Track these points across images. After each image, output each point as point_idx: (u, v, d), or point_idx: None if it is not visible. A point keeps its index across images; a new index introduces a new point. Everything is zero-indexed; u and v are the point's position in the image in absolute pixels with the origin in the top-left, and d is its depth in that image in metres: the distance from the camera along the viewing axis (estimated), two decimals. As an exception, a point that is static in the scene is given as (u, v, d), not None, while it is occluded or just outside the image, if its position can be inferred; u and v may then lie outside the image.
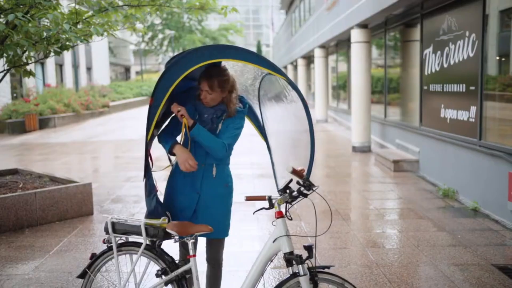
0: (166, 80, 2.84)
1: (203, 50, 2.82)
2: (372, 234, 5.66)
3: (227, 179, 3.19)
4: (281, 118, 3.27)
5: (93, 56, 38.51)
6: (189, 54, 2.84)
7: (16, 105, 19.86)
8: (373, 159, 10.66)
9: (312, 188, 2.66)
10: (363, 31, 11.51)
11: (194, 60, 2.82)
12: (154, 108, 2.86)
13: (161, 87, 2.85)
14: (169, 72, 2.84)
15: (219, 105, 3.13)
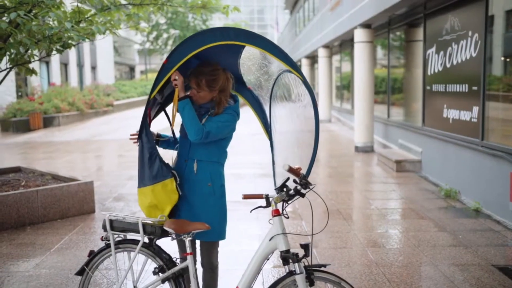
0: (186, 47, 2.80)
1: (229, 30, 2.78)
2: (373, 234, 5.66)
3: (211, 177, 3.07)
4: (288, 117, 3.22)
5: (98, 55, 38.63)
6: (217, 30, 2.79)
7: (21, 103, 19.95)
8: (375, 159, 10.64)
9: (308, 186, 2.66)
10: (366, 31, 11.50)
11: (218, 36, 2.78)
12: (165, 70, 2.83)
13: (179, 51, 2.81)
14: (192, 40, 2.79)
15: (206, 104, 3.08)
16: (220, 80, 3.04)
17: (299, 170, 2.72)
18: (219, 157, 3.14)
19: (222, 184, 3.15)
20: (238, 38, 2.77)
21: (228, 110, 3.08)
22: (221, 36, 2.77)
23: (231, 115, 3.07)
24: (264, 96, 3.40)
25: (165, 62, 2.82)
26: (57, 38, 5.86)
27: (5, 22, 5.62)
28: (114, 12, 6.61)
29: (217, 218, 3.08)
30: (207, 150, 3.07)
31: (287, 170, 2.60)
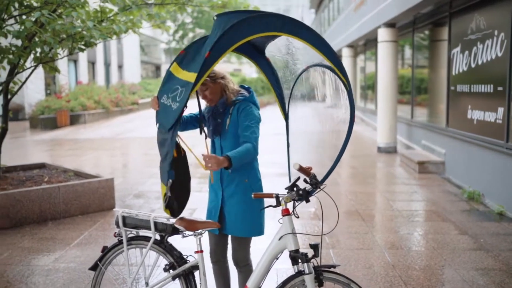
0: (228, 39, 2.55)
1: (274, 18, 2.57)
2: (391, 236, 5.58)
3: (247, 173, 3.07)
4: (308, 117, 3.15)
5: (124, 54, 39.16)
6: (260, 18, 2.57)
7: (49, 101, 20.37)
8: (398, 160, 10.51)
9: (318, 186, 2.63)
10: (390, 30, 11.36)
11: (263, 25, 2.56)
12: (209, 61, 2.56)
13: (221, 44, 2.55)
14: (234, 30, 2.54)
15: (221, 99, 3.10)
16: (215, 70, 3.06)
17: (310, 170, 2.69)
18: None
19: (258, 178, 3.15)
20: (283, 28, 2.59)
21: (244, 105, 3.06)
22: (266, 26, 2.57)
23: (252, 108, 3.06)
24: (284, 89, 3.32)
25: (207, 55, 2.55)
26: (79, 37, 5.96)
27: (30, 21, 5.75)
28: (136, 12, 6.69)
29: (249, 214, 3.06)
30: (237, 147, 3.01)
31: (297, 169, 2.57)
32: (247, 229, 3.07)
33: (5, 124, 6.58)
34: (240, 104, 3.08)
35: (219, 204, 3.10)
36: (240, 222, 3.05)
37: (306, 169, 2.65)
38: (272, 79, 3.30)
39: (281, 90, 3.29)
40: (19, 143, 14.99)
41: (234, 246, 3.17)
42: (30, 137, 16.58)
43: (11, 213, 5.83)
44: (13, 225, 5.84)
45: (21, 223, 5.89)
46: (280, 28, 2.58)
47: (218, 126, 3.10)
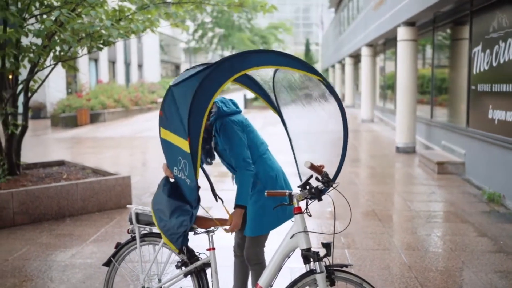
0: (197, 116, 2.59)
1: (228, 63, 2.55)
2: (408, 237, 5.51)
3: (257, 176, 3.09)
4: (307, 118, 3.13)
5: (144, 53, 39.50)
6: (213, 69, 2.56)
7: (70, 100, 20.66)
8: (417, 161, 10.38)
9: (330, 185, 2.60)
10: (409, 29, 11.23)
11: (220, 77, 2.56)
12: (194, 149, 2.62)
13: (194, 123, 2.60)
14: (196, 103, 2.57)
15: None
16: None
17: (322, 168, 2.66)
18: (255, 154, 3.12)
19: (270, 176, 3.14)
20: (243, 66, 2.59)
21: (218, 123, 3.04)
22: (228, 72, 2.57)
23: (227, 125, 3.02)
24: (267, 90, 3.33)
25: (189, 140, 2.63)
26: (98, 36, 6.02)
27: (49, 20, 5.83)
28: (154, 11, 6.74)
29: (254, 213, 3.10)
30: None
31: (309, 167, 2.55)
32: (253, 228, 3.11)
33: (25, 122, 6.68)
34: (216, 124, 3.06)
35: None
36: (250, 221, 3.10)
37: (318, 167, 2.62)
38: (254, 88, 3.32)
39: (265, 90, 3.33)
40: (40, 141, 15.24)
41: (246, 244, 3.20)
42: (51, 135, 16.84)
43: (30, 209, 5.92)
44: (32, 221, 5.93)
45: (40, 219, 5.98)
46: (239, 68, 2.58)
47: (209, 153, 3.14)
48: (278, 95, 3.27)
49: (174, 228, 2.80)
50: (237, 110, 3.13)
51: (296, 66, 2.61)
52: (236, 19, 58.96)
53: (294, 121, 3.25)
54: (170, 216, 2.82)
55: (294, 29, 76.51)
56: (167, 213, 2.84)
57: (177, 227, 2.80)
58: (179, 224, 2.80)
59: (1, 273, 4.43)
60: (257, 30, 60.25)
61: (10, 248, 5.11)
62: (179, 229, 2.80)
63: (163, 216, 2.85)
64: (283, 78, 3.12)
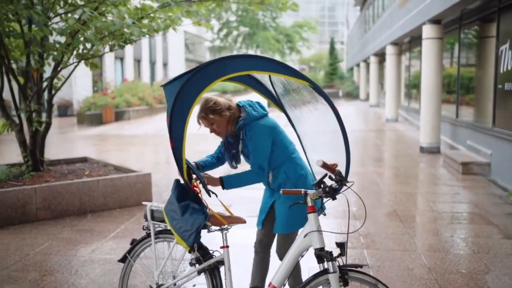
0: (178, 120, 2.64)
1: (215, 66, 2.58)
2: (430, 238, 5.41)
3: (287, 176, 3.11)
4: (311, 119, 3.07)
5: (169, 52, 39.83)
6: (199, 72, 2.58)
7: (95, 98, 20.98)
8: (441, 161, 10.19)
9: (344, 184, 2.56)
10: (435, 27, 11.03)
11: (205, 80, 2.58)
12: (178, 151, 2.67)
13: (175, 126, 2.65)
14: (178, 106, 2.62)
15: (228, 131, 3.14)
16: (219, 102, 3.05)
17: (335, 167, 2.62)
18: (284, 155, 3.14)
19: (300, 174, 3.13)
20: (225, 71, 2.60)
21: (247, 128, 3.04)
22: (212, 76, 2.60)
23: (252, 129, 3.03)
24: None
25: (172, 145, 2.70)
26: (119, 34, 6.08)
27: (73, 19, 5.91)
28: (175, 9, 6.77)
29: (283, 212, 3.12)
30: (272, 159, 3.11)
31: (321, 166, 2.51)
32: (286, 226, 3.13)
33: (49, 119, 6.80)
34: (245, 128, 3.07)
35: (268, 206, 3.21)
36: (282, 220, 3.11)
37: (331, 166, 2.58)
38: (261, 89, 3.29)
39: (270, 92, 3.30)
40: (66, 138, 15.51)
41: (279, 243, 3.23)
42: (76, 132, 17.13)
43: (53, 204, 6.02)
44: (54, 217, 6.04)
45: (62, 214, 6.08)
46: (223, 72, 2.59)
47: (234, 157, 3.15)
48: (279, 97, 3.24)
49: (188, 225, 2.81)
50: (264, 113, 3.14)
51: (281, 71, 2.58)
52: (260, 18, 58.96)
53: (301, 121, 3.20)
54: (183, 214, 2.85)
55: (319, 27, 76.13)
56: (179, 212, 2.86)
57: (191, 223, 2.82)
58: (192, 221, 2.82)
59: (22, 267, 4.52)
60: (281, 28, 60.15)
61: (32, 242, 5.21)
62: (193, 226, 2.81)
63: (175, 215, 2.87)
64: (277, 79, 3.09)
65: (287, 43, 60.44)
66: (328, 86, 41.25)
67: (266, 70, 2.63)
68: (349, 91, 39.43)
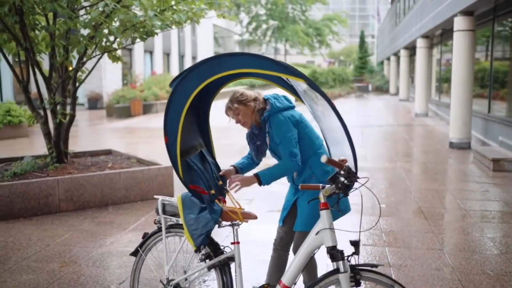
0: (174, 116, 2.69)
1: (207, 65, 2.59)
2: (455, 236, 5.23)
3: (313, 171, 3.07)
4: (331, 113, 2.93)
5: (198, 45, 39.99)
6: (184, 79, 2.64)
7: (124, 91, 21.22)
8: (471, 157, 9.88)
9: (355, 180, 2.44)
10: (467, 18, 10.67)
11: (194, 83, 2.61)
12: (173, 148, 2.69)
13: (170, 121, 2.70)
14: (173, 101, 2.69)
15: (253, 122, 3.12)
16: (246, 93, 3.09)
17: (344, 162, 2.51)
18: (311, 149, 3.09)
19: (326, 171, 3.05)
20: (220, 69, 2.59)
21: (271, 118, 3.02)
22: (205, 74, 2.61)
23: (278, 118, 3.01)
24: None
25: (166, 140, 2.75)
26: (141, 26, 6.07)
27: (96, 11, 5.93)
28: (199, 2, 6.71)
29: (301, 210, 3.08)
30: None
31: (326, 162, 2.40)
32: (309, 223, 2.99)
33: (73, 111, 6.85)
34: (270, 119, 3.04)
35: (290, 203, 3.18)
36: (305, 216, 3.04)
37: (338, 162, 2.46)
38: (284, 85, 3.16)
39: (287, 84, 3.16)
40: (94, 130, 15.74)
41: (297, 240, 3.15)
42: (105, 125, 17.36)
43: (75, 196, 6.08)
44: (76, 208, 6.09)
45: (83, 206, 6.13)
46: (217, 70, 2.59)
47: (260, 148, 3.12)
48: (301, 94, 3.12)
49: (200, 225, 2.79)
50: (290, 105, 3.10)
51: (276, 69, 2.52)
52: (290, 11, 58.57)
53: (324, 115, 3.08)
54: (199, 213, 2.81)
55: (350, 21, 75.12)
56: (196, 209, 2.81)
57: (202, 225, 2.79)
58: (205, 222, 2.79)
59: (42, 258, 4.56)
60: (311, 22, 59.60)
61: (53, 233, 5.26)
62: (203, 229, 2.79)
63: (192, 210, 2.82)
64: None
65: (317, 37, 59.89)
66: (358, 80, 40.70)
67: (262, 68, 2.56)
68: (379, 85, 38.83)
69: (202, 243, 2.75)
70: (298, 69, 2.55)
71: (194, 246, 2.75)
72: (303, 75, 2.49)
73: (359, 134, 13.97)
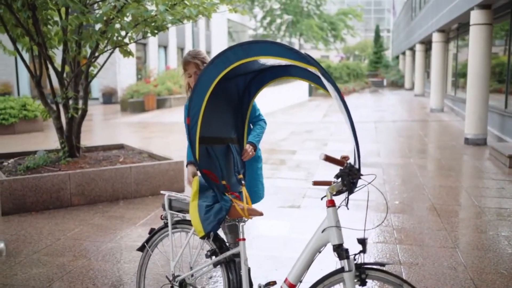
0: (198, 98, 2.70)
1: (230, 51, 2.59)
2: (469, 234, 5.14)
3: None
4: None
5: (212, 40, 39.99)
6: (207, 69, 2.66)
7: (138, 85, 21.30)
8: (486, 153, 9.72)
9: (355, 176, 2.37)
10: (484, 12, 10.47)
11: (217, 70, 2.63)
12: (193, 131, 2.72)
13: (194, 104, 2.70)
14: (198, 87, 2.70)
15: None
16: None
17: (347, 159, 2.45)
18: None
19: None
20: (249, 54, 2.55)
21: None
22: (227, 60, 2.61)
23: None
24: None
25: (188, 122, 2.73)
26: (152, 21, 6.05)
27: (107, 6, 5.92)
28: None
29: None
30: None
31: (324, 159, 2.34)
32: None
33: (85, 106, 6.88)
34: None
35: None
36: None
37: (337, 159, 2.39)
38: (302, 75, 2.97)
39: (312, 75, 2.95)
40: (108, 125, 15.83)
41: None
42: (119, 119, 17.45)
43: (86, 190, 6.11)
44: (87, 202, 6.12)
45: (94, 201, 6.16)
46: (242, 56, 2.56)
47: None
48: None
49: (212, 211, 2.75)
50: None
51: (292, 56, 2.42)
52: (304, 6, 58.20)
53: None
54: (213, 203, 2.78)
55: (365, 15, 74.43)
56: (210, 199, 2.81)
57: (214, 213, 2.73)
58: (217, 209, 2.74)
59: (52, 251, 4.59)
60: (326, 16, 59.15)
61: (64, 227, 5.30)
62: (215, 217, 2.72)
63: (206, 198, 2.82)
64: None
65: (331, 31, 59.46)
66: (372, 75, 40.35)
67: (279, 56, 2.49)
68: (394, 80, 38.47)
69: (212, 229, 2.70)
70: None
71: (202, 231, 2.70)
72: (317, 63, 2.43)
73: (373, 129, 13.84)
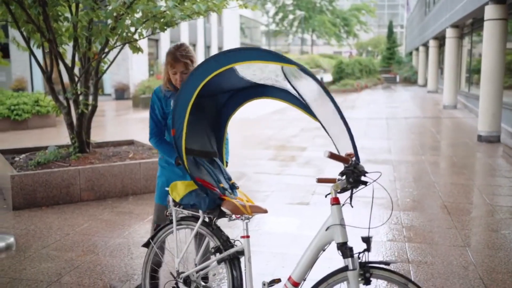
0: (181, 110, 2.69)
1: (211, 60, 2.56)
2: (479, 233, 5.07)
3: None
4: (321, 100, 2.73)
5: (224, 36, 39.96)
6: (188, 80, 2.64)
7: (150, 82, 21.37)
8: (500, 151, 9.59)
9: (363, 174, 2.34)
10: (499, 7, 10.32)
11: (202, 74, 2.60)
12: (179, 141, 2.72)
13: (178, 115, 2.70)
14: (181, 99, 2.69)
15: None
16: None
17: (351, 157, 2.42)
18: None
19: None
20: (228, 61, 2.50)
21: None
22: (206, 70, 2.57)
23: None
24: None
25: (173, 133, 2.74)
26: (161, 16, 6.05)
27: (116, 2, 5.93)
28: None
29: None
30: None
31: (328, 157, 2.31)
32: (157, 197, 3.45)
33: (95, 102, 6.91)
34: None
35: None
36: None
37: (342, 157, 2.36)
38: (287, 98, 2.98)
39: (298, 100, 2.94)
40: (120, 121, 15.91)
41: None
42: (131, 115, 17.53)
43: (96, 186, 6.14)
44: (97, 198, 6.15)
45: (104, 196, 6.19)
46: (222, 64, 2.51)
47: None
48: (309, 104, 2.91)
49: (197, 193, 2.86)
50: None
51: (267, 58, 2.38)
52: (317, 1, 57.95)
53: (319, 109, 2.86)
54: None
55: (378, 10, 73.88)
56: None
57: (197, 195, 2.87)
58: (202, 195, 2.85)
59: (61, 246, 4.62)
60: (338, 12, 58.87)
61: (73, 223, 5.33)
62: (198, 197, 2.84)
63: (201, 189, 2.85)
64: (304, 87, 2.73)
65: (344, 27, 59.17)
66: (385, 71, 40.05)
67: (254, 59, 2.45)
68: (407, 76, 38.13)
69: (209, 207, 2.79)
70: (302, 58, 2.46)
71: (179, 198, 2.89)
72: (294, 62, 2.39)
73: (385, 126, 13.74)
